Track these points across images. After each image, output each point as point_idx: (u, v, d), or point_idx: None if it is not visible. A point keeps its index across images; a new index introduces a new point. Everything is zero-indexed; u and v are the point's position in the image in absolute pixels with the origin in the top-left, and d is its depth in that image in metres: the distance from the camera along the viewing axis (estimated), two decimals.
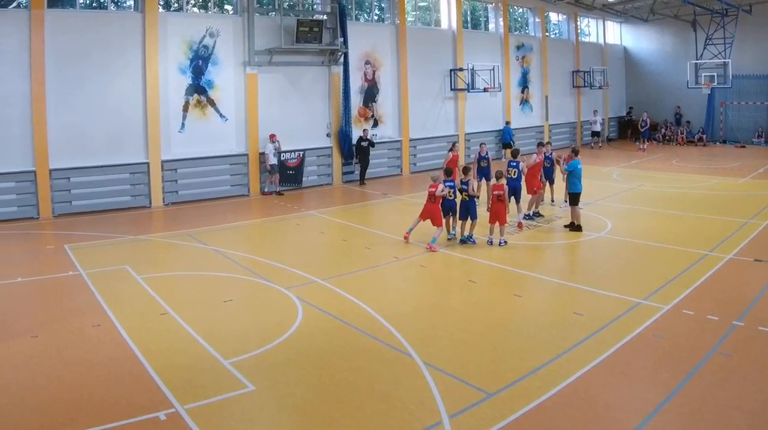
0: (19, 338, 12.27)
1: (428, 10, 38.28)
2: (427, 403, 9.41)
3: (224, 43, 29.15)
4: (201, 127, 28.70)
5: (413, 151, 36.21)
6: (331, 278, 16.03)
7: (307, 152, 31.32)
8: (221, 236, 21.62)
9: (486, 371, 10.54)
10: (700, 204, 25.14)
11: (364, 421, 9.03)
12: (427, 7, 38.33)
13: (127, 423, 8.96)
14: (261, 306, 14.33)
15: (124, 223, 24.16)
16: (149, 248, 20.41)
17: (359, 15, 35.00)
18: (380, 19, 36.03)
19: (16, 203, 24.74)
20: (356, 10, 34.56)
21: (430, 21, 38.23)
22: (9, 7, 24.87)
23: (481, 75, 37.71)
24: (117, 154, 26.57)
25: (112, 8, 27.40)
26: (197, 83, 28.57)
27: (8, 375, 10.65)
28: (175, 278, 16.54)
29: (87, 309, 13.97)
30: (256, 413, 9.44)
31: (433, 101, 37.30)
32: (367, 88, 34.28)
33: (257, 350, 11.53)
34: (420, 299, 14.82)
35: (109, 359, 11.27)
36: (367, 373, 10.61)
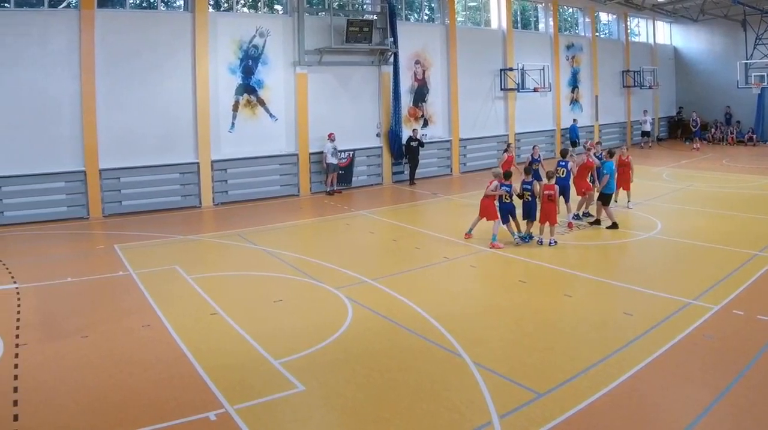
0: (70, 339, 11.95)
1: (478, 10, 36.75)
2: (477, 403, 9.16)
3: (274, 42, 28.00)
4: (251, 127, 27.61)
5: (463, 151, 34.72)
6: (380, 278, 15.47)
7: (357, 152, 30.18)
8: (271, 236, 20.88)
9: (536, 371, 10.21)
10: (750, 204, 24.17)
11: (414, 421, 8.78)
12: (476, 7, 36.81)
13: (177, 423, 8.73)
14: (311, 306, 13.85)
15: (174, 223, 23.44)
16: (199, 248, 19.81)
17: (409, 15, 33.59)
18: (430, 19, 34.60)
19: (66, 203, 23.83)
20: (406, 10, 33.17)
21: (479, 21, 36.69)
22: (59, 7, 23.92)
23: (531, 75, 36.13)
24: (167, 154, 25.60)
25: (162, 8, 26.38)
26: (247, 83, 27.46)
27: (59, 375, 10.37)
28: (225, 278, 16.02)
29: (137, 309, 13.59)
30: (306, 413, 9.18)
31: (482, 101, 35.74)
32: (417, 88, 32.89)
33: (307, 350, 11.17)
34: (470, 299, 14.31)
35: (158, 360, 10.99)
36: (417, 373, 10.31)
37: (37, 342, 11.79)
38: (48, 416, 9.07)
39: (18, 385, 9.96)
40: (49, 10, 23.52)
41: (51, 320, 13.04)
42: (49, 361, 10.96)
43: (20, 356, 11.07)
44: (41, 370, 10.59)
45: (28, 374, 10.40)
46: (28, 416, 9.02)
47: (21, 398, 9.53)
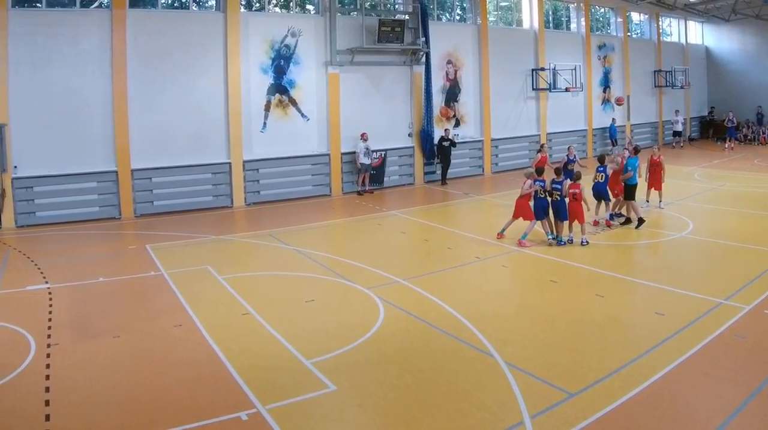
0: (102, 338, 11.74)
1: (510, 10, 35.63)
2: (508, 403, 8.97)
3: (306, 42, 27.17)
4: (283, 127, 26.81)
5: (495, 151, 33.61)
6: (412, 278, 15.09)
7: (388, 152, 29.22)
8: (303, 236, 20.28)
9: (567, 371, 9.97)
10: None
11: (446, 421, 8.60)
12: (508, 7, 35.70)
13: (209, 423, 8.58)
14: (343, 306, 13.55)
15: (206, 223, 22.83)
16: (231, 248, 19.34)
17: (441, 15, 32.62)
18: (462, 19, 33.50)
19: (98, 203, 23.20)
20: (438, 10, 32.20)
21: (511, 21, 35.56)
22: (91, 7, 23.25)
23: (562, 75, 34.97)
24: (199, 154, 24.89)
25: (194, 8, 25.59)
26: (279, 83, 26.66)
27: (91, 375, 10.18)
28: (257, 278, 15.65)
29: (169, 309, 13.32)
30: (338, 413, 9.00)
31: (514, 101, 34.61)
32: (449, 88, 31.88)
33: (339, 350, 10.95)
34: (502, 298, 14.05)
35: (190, 360, 10.78)
36: (448, 373, 10.12)
37: (68, 342, 11.53)
38: (79, 416, 8.89)
39: (50, 385, 9.75)
40: (81, 10, 22.86)
41: (83, 320, 12.75)
42: (81, 361, 10.72)
43: (52, 356, 10.82)
44: (73, 370, 10.35)
45: (60, 374, 10.17)
46: (59, 416, 8.83)
47: (53, 398, 9.33)
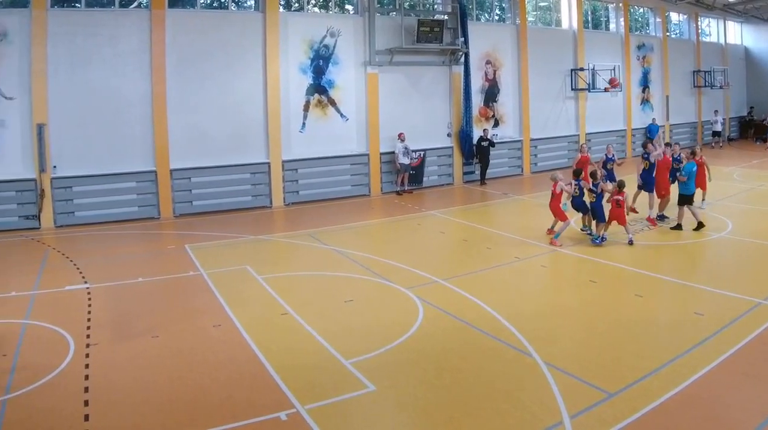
0: (141, 338, 11.44)
1: (549, 10, 34.13)
2: (547, 403, 8.69)
3: (345, 42, 26.06)
4: (322, 127, 25.72)
5: (534, 151, 32.14)
6: (451, 278, 14.59)
7: (427, 152, 27.99)
8: (342, 236, 19.57)
9: (607, 371, 9.67)
10: None
11: (485, 421, 8.36)
12: (547, 7, 34.20)
13: (248, 423, 8.35)
14: (382, 306, 13.14)
15: (245, 223, 22.00)
16: (270, 248, 18.77)
17: (480, 15, 31.23)
18: (501, 19, 32.08)
19: (137, 203, 22.33)
20: (477, 10, 30.83)
21: (550, 21, 34.05)
22: (130, 7, 22.39)
23: (601, 75, 33.36)
24: (238, 154, 23.91)
25: (233, 8, 24.60)
26: (318, 83, 25.58)
27: (130, 375, 9.93)
28: (296, 278, 15.16)
29: (208, 309, 12.94)
30: (377, 413, 8.80)
31: (553, 101, 33.09)
32: (488, 88, 30.49)
33: (378, 350, 10.60)
34: (541, 298, 13.57)
35: (229, 360, 10.50)
36: (488, 373, 9.81)
37: (107, 342, 11.22)
38: (118, 416, 8.66)
39: (89, 385, 9.49)
40: (120, 10, 22.00)
41: (122, 320, 12.41)
42: (120, 361, 10.45)
43: (91, 356, 10.53)
44: (112, 370, 10.08)
45: (99, 374, 9.90)
46: (98, 415, 8.61)
47: (92, 398, 9.08)
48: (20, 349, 10.92)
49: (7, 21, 20.30)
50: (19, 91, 20.47)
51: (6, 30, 20.25)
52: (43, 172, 20.78)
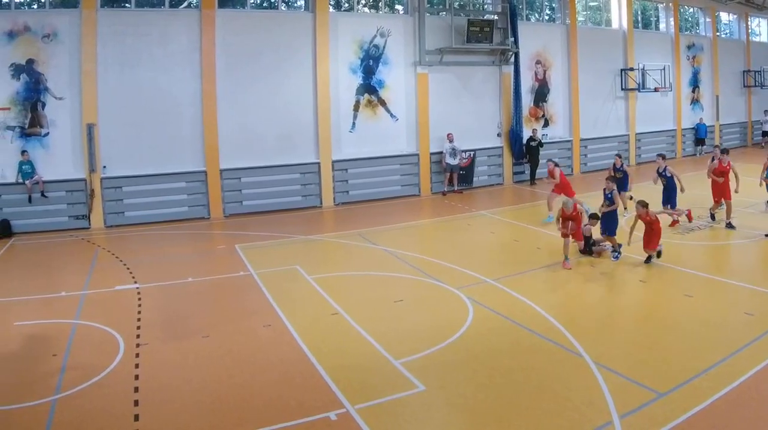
0: (191, 339, 10.86)
1: (599, 10, 31.76)
2: (597, 403, 8.22)
3: (395, 42, 24.28)
4: (371, 127, 24.01)
5: (584, 151, 29.89)
6: (501, 278, 13.73)
7: (477, 152, 26.03)
8: (391, 236, 18.31)
9: (656, 371, 9.09)
10: None
11: (535, 421, 7.89)
12: (597, 7, 31.83)
13: (298, 423, 7.94)
14: (432, 306, 12.39)
15: (295, 223, 20.61)
16: (320, 248, 17.73)
17: (530, 15, 29.13)
18: (551, 19, 29.90)
19: (187, 203, 20.93)
20: (527, 10, 28.76)
21: (600, 21, 31.68)
22: (180, 7, 21.00)
23: (651, 75, 31.03)
24: (287, 154, 22.36)
25: (283, 8, 23.01)
26: (368, 83, 23.88)
27: (180, 375, 9.43)
28: (346, 278, 14.35)
29: (258, 309, 12.24)
30: (427, 413, 8.31)
31: (603, 101, 30.73)
32: (538, 88, 28.39)
33: (428, 350, 10.02)
34: (590, 298, 12.83)
35: (279, 360, 9.97)
36: (537, 373, 9.25)
37: (158, 342, 10.68)
38: (168, 416, 8.23)
39: (138, 385, 9.03)
40: (170, 10, 20.58)
41: (172, 320, 11.83)
42: (170, 361, 9.93)
43: (141, 356, 10.03)
44: (162, 370, 9.59)
45: (149, 374, 9.42)
46: (148, 415, 8.18)
47: (141, 398, 8.65)
48: (70, 349, 10.36)
49: (57, 21, 19.07)
50: (69, 92, 19.30)
51: (56, 30, 19.03)
52: (93, 173, 19.55)
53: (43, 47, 18.96)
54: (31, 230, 19.05)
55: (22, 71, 18.87)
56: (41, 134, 19.26)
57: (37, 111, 19.11)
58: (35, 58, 18.95)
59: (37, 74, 18.99)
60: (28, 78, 18.92)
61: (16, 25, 18.72)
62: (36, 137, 19.21)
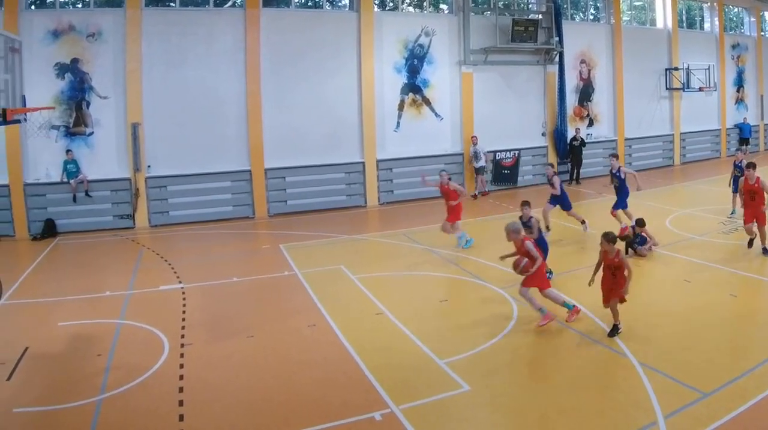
0: (236, 338, 10.20)
1: (643, 10, 29.43)
2: (642, 403, 7.54)
3: (439, 42, 22.49)
4: (416, 127, 22.24)
5: (628, 150, 27.66)
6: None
7: (522, 152, 24.13)
8: (436, 236, 16.57)
9: (701, 371, 8.36)
10: None
11: (580, 421, 7.28)
12: (642, 7, 29.46)
13: (343, 423, 7.34)
14: (476, 306, 11.59)
15: (339, 222, 19.13)
16: (364, 248, 16.41)
17: (574, 14, 27.07)
18: (595, 18, 27.73)
19: (231, 203, 19.46)
20: (571, 9, 26.74)
21: (645, 20, 29.39)
22: (224, 6, 19.58)
23: (696, 74, 28.63)
24: (332, 153, 20.77)
25: (328, 7, 21.41)
26: (412, 82, 22.12)
27: (225, 375, 8.87)
28: (390, 278, 13.39)
29: (302, 309, 11.45)
30: (471, 413, 7.66)
31: (648, 100, 28.40)
32: (582, 87, 26.26)
33: (473, 350, 9.36)
34: (634, 298, 10.91)
35: (324, 359, 9.35)
36: (582, 373, 8.57)
37: (202, 342, 10.04)
38: (213, 415, 7.75)
39: (183, 385, 8.50)
40: (215, 9, 19.15)
41: (216, 320, 11.06)
42: (215, 361, 9.36)
43: (185, 356, 9.42)
44: (206, 370, 9.03)
45: (194, 373, 8.88)
46: (193, 415, 7.72)
47: (186, 398, 8.14)
48: (115, 349, 9.75)
49: (101, 20, 17.78)
50: (114, 91, 18.01)
51: (101, 29, 17.74)
52: (137, 172, 18.23)
53: (87, 46, 17.69)
54: (76, 229, 17.83)
55: (67, 70, 17.62)
56: (86, 133, 18.00)
57: (82, 110, 17.85)
58: (80, 57, 17.68)
59: (81, 73, 17.73)
60: (72, 77, 17.67)
61: (61, 24, 17.46)
62: (81, 136, 17.95)
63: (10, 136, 16.99)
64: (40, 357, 9.47)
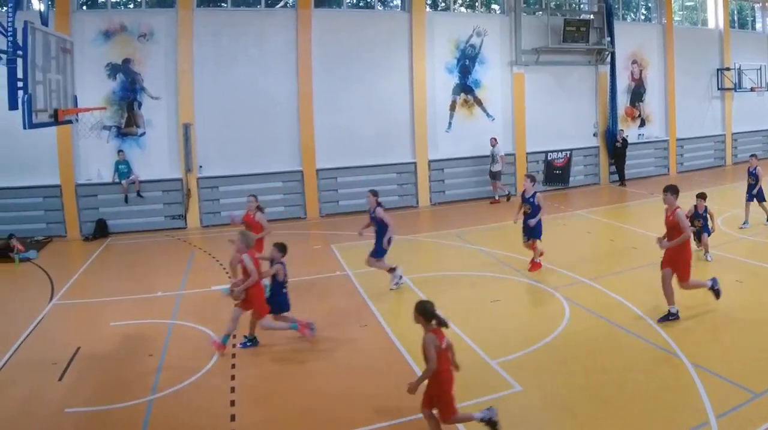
0: (287, 338, 9.14)
1: (695, 10, 26.88)
2: (693, 403, 6.83)
3: (491, 42, 20.39)
4: (467, 127, 20.17)
5: (680, 150, 25.12)
6: (597, 278, 11.65)
7: (573, 152, 21.90)
8: (487, 236, 15.53)
9: (753, 371, 7.47)
10: None
11: (631, 421, 6.63)
12: (693, 7, 26.88)
13: (395, 423, 6.70)
14: (528, 306, 10.88)
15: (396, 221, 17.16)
16: (416, 248, 14.90)
17: (626, 14, 24.64)
18: (647, 18, 25.24)
19: (283, 203, 17.72)
20: (623, 10, 24.35)
21: (696, 20, 26.86)
22: (276, 7, 17.99)
23: (747, 74, 25.91)
24: (384, 154, 18.89)
25: (379, 8, 19.54)
26: (464, 83, 20.11)
27: (277, 375, 8.07)
28: (442, 278, 12.19)
29: (354, 309, 10.55)
30: (523, 413, 6.95)
31: (699, 101, 25.74)
32: (634, 88, 23.77)
33: (524, 350, 8.43)
34: (687, 298, 10.00)
35: (376, 359, 8.45)
36: (634, 373, 7.66)
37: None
38: (265, 415, 7.00)
39: (235, 385, 7.77)
40: (266, 9, 17.49)
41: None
42: (266, 362, 8.57)
43: (237, 357, 8.62)
44: (258, 370, 8.27)
45: (245, 374, 8.10)
46: (244, 415, 6.98)
47: (238, 397, 7.42)
48: (166, 349, 9.00)
49: (153, 21, 16.25)
50: (165, 91, 16.47)
51: (152, 30, 16.22)
52: (189, 172, 16.67)
53: (139, 47, 16.19)
54: (127, 229, 16.40)
55: (119, 71, 16.15)
56: (137, 134, 16.51)
57: (133, 110, 16.37)
58: (131, 57, 16.19)
59: (133, 74, 16.24)
60: (124, 77, 16.20)
61: (113, 24, 16.00)
62: (132, 137, 16.47)
63: (61, 137, 15.59)
64: (91, 357, 8.72)
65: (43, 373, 8.19)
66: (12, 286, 12.74)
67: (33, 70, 8.74)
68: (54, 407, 7.31)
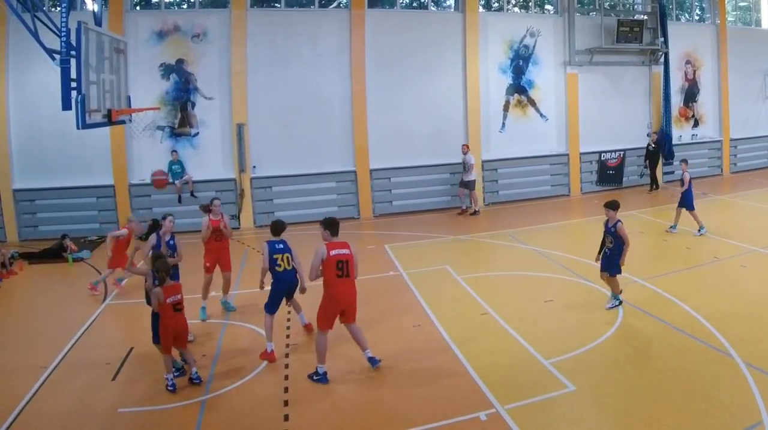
0: (341, 338, 7.40)
1: (749, 10, 22.97)
2: (747, 403, 5.82)
3: (545, 42, 17.13)
4: (521, 127, 16.99)
5: (733, 151, 21.18)
6: (651, 278, 9.70)
7: (627, 152, 18.39)
8: (541, 236, 13.41)
9: None
10: None
11: (684, 421, 5.64)
12: (747, 7, 22.88)
13: (448, 423, 5.78)
14: (581, 306, 8.74)
15: (444, 223, 14.91)
16: (469, 248, 12.88)
17: (680, 15, 20.95)
18: (700, 19, 21.29)
19: (336, 203, 14.94)
20: (676, 10, 20.76)
21: (750, 21, 23.05)
22: (329, 7, 15.33)
23: None
24: (437, 154, 15.85)
25: (432, 8, 16.53)
26: (517, 83, 16.93)
27: (330, 375, 6.80)
28: (496, 278, 10.53)
29: (408, 309, 8.95)
30: (577, 413, 5.96)
31: (753, 101, 21.62)
32: (688, 88, 19.95)
33: (578, 350, 7.15)
34: (740, 298, 8.58)
35: (429, 359, 7.21)
36: (687, 373, 6.55)
37: (307, 342, 7.78)
38: (318, 415, 6.08)
39: (288, 385, 6.66)
40: (320, 10, 14.72)
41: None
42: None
43: (290, 356, 7.41)
44: (311, 370, 6.81)
45: (298, 374, 6.88)
46: (298, 415, 6.06)
47: (291, 398, 6.37)
48: (220, 349, 7.80)
49: (206, 21, 13.70)
50: (219, 91, 13.91)
51: (206, 30, 13.69)
52: (242, 172, 14.08)
53: (192, 47, 13.68)
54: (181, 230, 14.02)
55: (172, 71, 13.67)
56: (191, 134, 14.00)
57: (187, 111, 13.88)
58: (185, 58, 13.69)
59: (186, 74, 13.75)
60: (177, 78, 13.71)
61: (166, 24, 13.53)
62: (185, 137, 13.98)
63: (115, 137, 13.22)
64: (145, 357, 7.60)
65: (96, 373, 7.17)
66: (65, 286, 11.10)
67: (87, 70, 7.88)
68: (107, 406, 6.42)
